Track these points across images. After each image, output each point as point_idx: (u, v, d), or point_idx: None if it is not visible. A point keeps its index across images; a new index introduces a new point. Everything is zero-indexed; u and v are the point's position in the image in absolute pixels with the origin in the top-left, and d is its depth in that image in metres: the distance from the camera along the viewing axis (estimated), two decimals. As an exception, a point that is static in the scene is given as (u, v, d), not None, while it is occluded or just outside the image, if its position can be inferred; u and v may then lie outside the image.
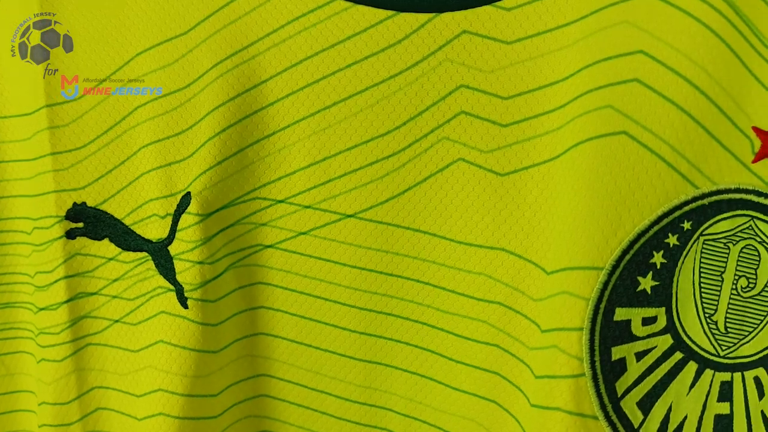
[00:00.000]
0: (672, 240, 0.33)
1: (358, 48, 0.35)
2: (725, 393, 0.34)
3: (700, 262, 0.33)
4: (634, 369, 0.33)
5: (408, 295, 0.36)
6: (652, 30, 0.32)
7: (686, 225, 0.33)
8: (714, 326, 0.33)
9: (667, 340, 0.33)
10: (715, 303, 0.33)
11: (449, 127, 0.35)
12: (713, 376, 0.34)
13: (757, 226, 0.33)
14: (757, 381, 0.34)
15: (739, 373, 0.34)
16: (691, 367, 0.33)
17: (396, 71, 0.35)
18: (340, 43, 0.35)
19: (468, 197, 0.35)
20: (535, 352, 0.34)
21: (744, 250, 0.33)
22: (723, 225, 0.33)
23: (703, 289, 0.33)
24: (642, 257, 0.32)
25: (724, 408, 0.34)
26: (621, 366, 0.33)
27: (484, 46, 0.34)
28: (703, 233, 0.33)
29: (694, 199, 0.32)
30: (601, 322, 0.32)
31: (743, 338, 0.33)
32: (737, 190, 0.33)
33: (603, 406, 0.33)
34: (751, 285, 0.33)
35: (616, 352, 0.33)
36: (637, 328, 0.33)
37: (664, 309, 0.33)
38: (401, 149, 0.35)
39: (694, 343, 0.33)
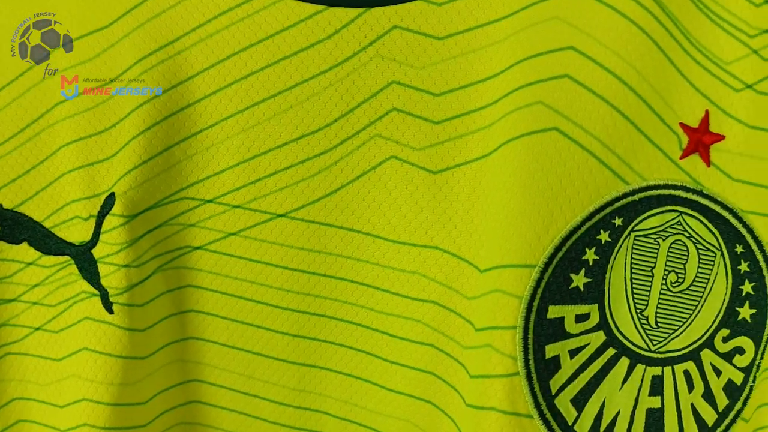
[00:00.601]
0: (604, 236, 0.33)
1: (287, 43, 0.34)
2: (656, 387, 0.34)
3: (632, 258, 0.33)
4: (568, 366, 0.33)
5: (341, 296, 0.36)
6: (582, 26, 0.32)
7: (617, 221, 0.33)
8: (645, 321, 0.34)
9: (600, 337, 0.33)
10: (646, 298, 0.33)
11: (381, 124, 0.34)
12: (644, 370, 0.34)
13: (685, 222, 0.33)
14: (687, 374, 0.34)
15: (670, 367, 0.34)
16: (624, 362, 0.34)
17: (326, 67, 0.34)
18: (269, 38, 0.34)
19: (401, 195, 0.34)
20: (470, 351, 0.34)
21: (673, 246, 0.33)
22: (653, 221, 0.33)
23: (634, 285, 0.33)
24: (574, 254, 0.33)
25: (655, 402, 0.34)
26: (555, 364, 0.33)
27: (416, 41, 0.33)
28: (634, 229, 0.33)
29: (625, 195, 0.33)
30: (534, 320, 0.32)
31: (673, 332, 0.34)
32: (666, 186, 0.33)
33: (537, 405, 0.33)
34: (680, 280, 0.33)
35: (550, 350, 0.33)
36: (571, 326, 0.33)
37: (596, 306, 0.33)
38: (333, 147, 0.34)
39: (626, 338, 0.34)
